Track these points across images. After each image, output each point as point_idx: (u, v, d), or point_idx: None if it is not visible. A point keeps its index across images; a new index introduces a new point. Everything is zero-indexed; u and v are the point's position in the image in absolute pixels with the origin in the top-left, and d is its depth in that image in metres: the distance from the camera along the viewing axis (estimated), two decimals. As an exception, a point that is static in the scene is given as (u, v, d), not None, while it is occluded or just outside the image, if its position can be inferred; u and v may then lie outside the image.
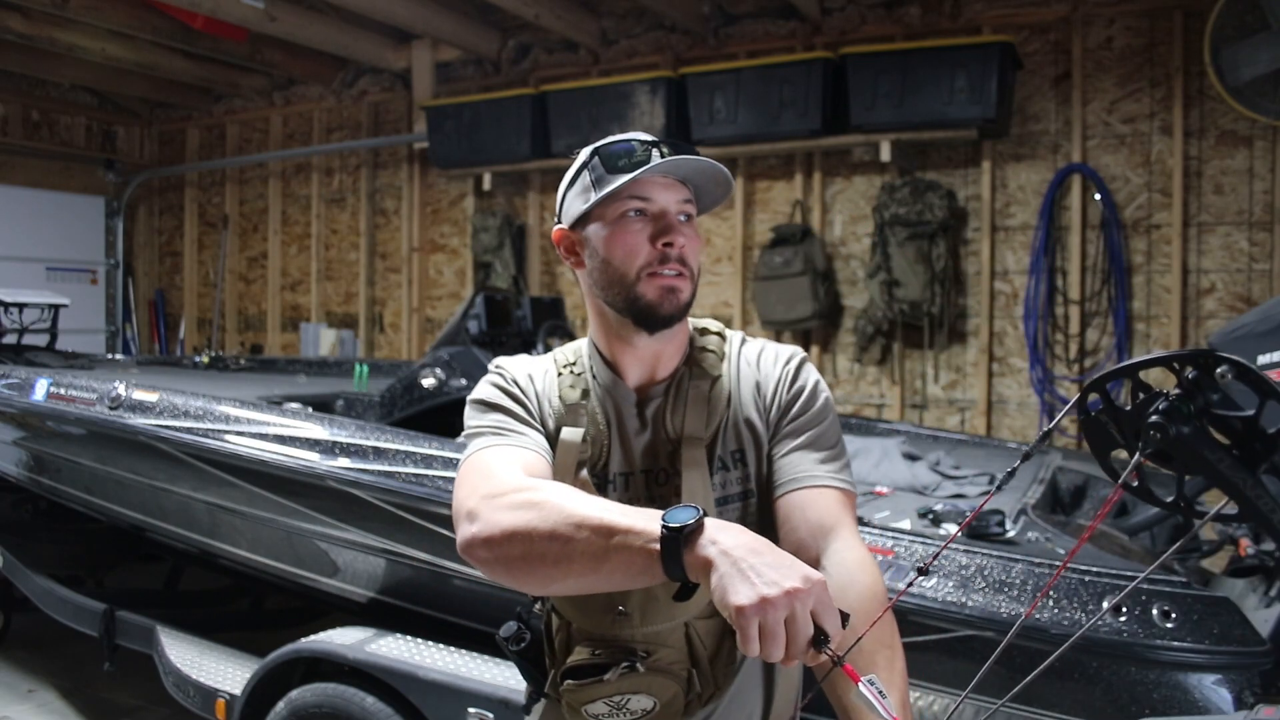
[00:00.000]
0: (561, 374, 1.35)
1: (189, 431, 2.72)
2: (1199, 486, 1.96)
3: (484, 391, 1.33)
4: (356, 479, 2.42)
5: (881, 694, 0.94)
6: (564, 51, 6.15)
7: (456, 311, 4.05)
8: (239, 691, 2.55)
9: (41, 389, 3.17)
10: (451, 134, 5.94)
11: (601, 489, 1.29)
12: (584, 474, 1.28)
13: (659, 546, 0.98)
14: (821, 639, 0.92)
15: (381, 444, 2.45)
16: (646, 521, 1.00)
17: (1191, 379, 1.01)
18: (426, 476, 2.34)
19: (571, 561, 1.04)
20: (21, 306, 4.28)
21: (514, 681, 2.09)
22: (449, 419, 3.09)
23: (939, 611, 1.88)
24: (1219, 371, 0.99)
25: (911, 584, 1.22)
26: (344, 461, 2.46)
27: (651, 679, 1.20)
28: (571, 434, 1.29)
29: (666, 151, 1.24)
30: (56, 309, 4.42)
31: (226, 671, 2.71)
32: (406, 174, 6.76)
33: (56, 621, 3.36)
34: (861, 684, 0.93)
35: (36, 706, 3.67)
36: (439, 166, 6.22)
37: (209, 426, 2.70)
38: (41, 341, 4.38)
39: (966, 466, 3.17)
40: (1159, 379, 1.01)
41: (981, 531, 2.13)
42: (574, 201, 1.31)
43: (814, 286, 5.12)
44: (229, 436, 2.66)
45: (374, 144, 6.83)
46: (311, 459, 2.51)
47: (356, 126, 7.03)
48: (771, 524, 1.28)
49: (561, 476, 1.25)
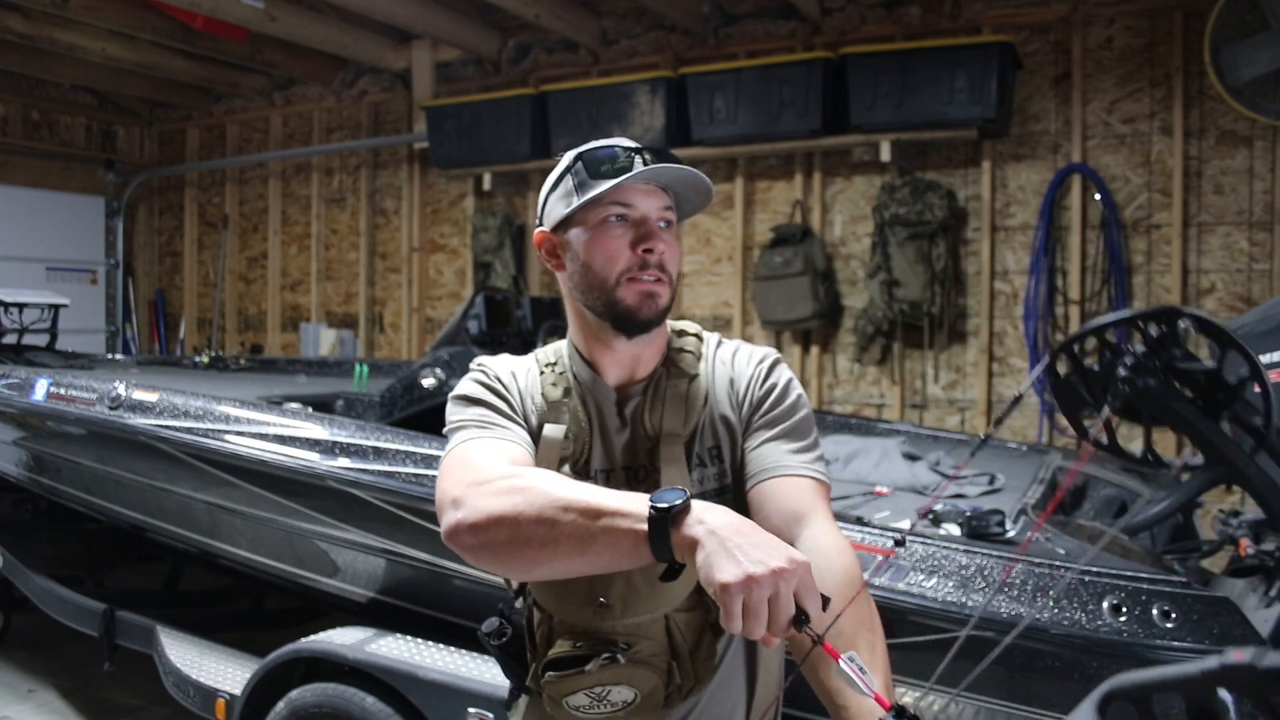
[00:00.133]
0: (544, 372, 1.38)
1: (189, 431, 2.72)
2: (1200, 486, 1.96)
3: (467, 387, 1.36)
4: (356, 479, 2.42)
5: (862, 670, 0.94)
6: (564, 51, 6.15)
7: (456, 311, 4.04)
8: (239, 691, 2.56)
9: (41, 389, 3.17)
10: (451, 134, 5.94)
11: None
12: (566, 470, 1.30)
13: (646, 527, 1.01)
14: (802, 619, 0.94)
15: (381, 444, 2.45)
16: (634, 503, 1.03)
17: (1156, 336, 1.03)
18: (427, 476, 2.34)
19: (558, 544, 1.06)
20: (21, 306, 4.29)
21: (514, 681, 2.09)
22: (449, 419, 3.08)
23: (939, 611, 1.88)
24: (1181, 326, 1.01)
25: (889, 558, 1.22)
26: (344, 461, 2.46)
27: (632, 670, 1.21)
28: (554, 430, 1.32)
29: (649, 159, 1.27)
30: (56, 309, 4.42)
31: (226, 671, 2.72)
32: (406, 174, 6.75)
33: (56, 621, 3.37)
34: (842, 660, 0.94)
35: (36, 706, 3.67)
36: (439, 166, 6.22)
37: (209, 426, 2.70)
38: (41, 341, 4.38)
39: (967, 466, 3.16)
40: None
41: (981, 531, 2.13)
42: (556, 205, 1.33)
43: (814, 286, 5.12)
44: (229, 436, 2.66)
45: (374, 144, 6.83)
46: (311, 459, 2.51)
47: (356, 126, 7.03)
48: (747, 516, 1.29)
49: None
